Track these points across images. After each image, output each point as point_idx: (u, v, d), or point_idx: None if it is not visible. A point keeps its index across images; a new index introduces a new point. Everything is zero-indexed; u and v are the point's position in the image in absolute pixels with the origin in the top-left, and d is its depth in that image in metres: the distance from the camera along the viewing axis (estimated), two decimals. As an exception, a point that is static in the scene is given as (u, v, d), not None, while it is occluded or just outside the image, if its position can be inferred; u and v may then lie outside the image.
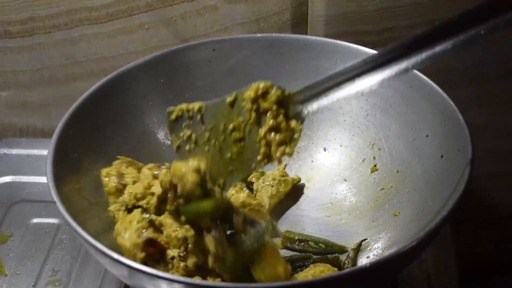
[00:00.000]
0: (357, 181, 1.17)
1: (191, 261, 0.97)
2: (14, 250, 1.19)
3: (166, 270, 0.97)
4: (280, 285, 0.88)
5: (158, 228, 0.99)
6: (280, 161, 0.94)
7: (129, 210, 1.02)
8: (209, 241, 0.95)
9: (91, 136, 1.12)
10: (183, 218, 0.97)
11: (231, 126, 0.97)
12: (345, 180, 1.19)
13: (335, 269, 1.05)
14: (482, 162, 1.35)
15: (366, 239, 1.10)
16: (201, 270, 0.97)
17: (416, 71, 1.12)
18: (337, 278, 0.85)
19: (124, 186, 1.04)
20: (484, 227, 1.51)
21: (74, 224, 0.92)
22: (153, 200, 1.00)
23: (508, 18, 0.81)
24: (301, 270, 1.06)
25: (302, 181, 1.22)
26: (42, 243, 1.20)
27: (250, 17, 1.31)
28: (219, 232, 0.95)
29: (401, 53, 0.83)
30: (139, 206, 1.01)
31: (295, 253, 1.12)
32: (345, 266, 1.08)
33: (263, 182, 1.20)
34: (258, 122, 0.95)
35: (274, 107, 0.94)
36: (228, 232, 0.98)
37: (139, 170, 1.07)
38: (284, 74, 1.24)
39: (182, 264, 0.97)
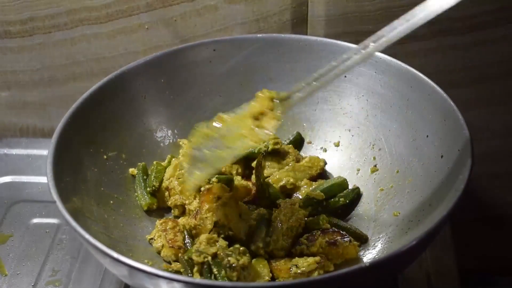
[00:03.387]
0: (357, 182, 1.17)
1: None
2: (14, 250, 1.19)
3: None
4: (279, 285, 0.88)
5: None
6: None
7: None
8: None
9: (91, 136, 1.12)
10: None
11: None
12: (345, 181, 1.20)
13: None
14: (482, 162, 1.35)
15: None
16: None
17: (416, 71, 1.12)
18: (337, 277, 0.85)
19: None
20: (484, 227, 1.51)
21: (74, 224, 0.92)
22: None
23: None
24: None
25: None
26: (42, 243, 1.20)
27: (250, 17, 1.31)
28: None
29: None
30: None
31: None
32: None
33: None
34: None
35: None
36: None
37: None
38: (284, 74, 1.24)
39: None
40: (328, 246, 1.04)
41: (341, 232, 1.06)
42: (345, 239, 1.04)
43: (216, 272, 0.96)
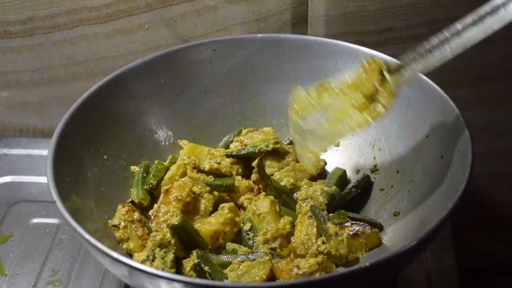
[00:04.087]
0: (357, 181, 1.17)
1: None
2: (14, 250, 1.19)
3: None
4: (279, 285, 0.88)
5: None
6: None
7: None
8: None
9: (91, 136, 1.12)
10: None
11: None
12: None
13: None
14: (482, 162, 1.35)
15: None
16: None
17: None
18: (337, 277, 0.85)
19: None
20: (484, 227, 1.51)
21: (74, 224, 0.92)
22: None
23: None
24: None
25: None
26: (42, 243, 1.20)
27: (250, 17, 1.31)
28: None
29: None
30: None
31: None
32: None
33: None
34: None
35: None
36: None
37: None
38: (284, 74, 1.24)
39: None
40: (351, 238, 1.03)
41: (359, 223, 1.06)
42: (365, 228, 1.04)
43: (208, 270, 0.99)
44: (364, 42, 1.27)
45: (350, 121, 0.97)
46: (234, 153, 1.17)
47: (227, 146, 1.22)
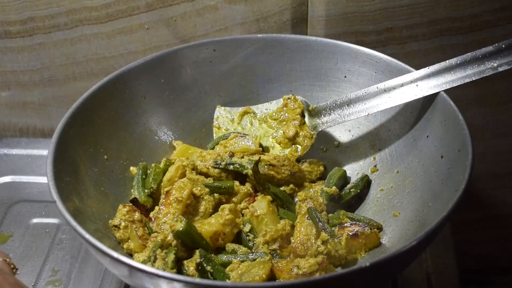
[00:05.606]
0: (357, 182, 1.17)
1: None
2: (14, 250, 1.19)
3: None
4: (279, 285, 0.88)
5: None
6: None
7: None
8: None
9: (91, 136, 1.12)
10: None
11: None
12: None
13: None
14: (482, 162, 1.35)
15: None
16: None
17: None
18: (337, 277, 0.85)
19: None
20: (484, 227, 1.51)
21: (74, 223, 0.92)
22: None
23: None
24: None
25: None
26: (42, 243, 1.20)
27: (250, 17, 1.31)
28: None
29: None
30: None
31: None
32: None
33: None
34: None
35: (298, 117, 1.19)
36: None
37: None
38: (284, 74, 1.24)
39: None
40: (350, 239, 1.03)
41: (358, 223, 1.06)
42: (365, 229, 1.05)
43: (210, 269, 1.00)
44: (364, 42, 1.27)
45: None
46: (221, 166, 1.15)
47: (213, 147, 1.21)
